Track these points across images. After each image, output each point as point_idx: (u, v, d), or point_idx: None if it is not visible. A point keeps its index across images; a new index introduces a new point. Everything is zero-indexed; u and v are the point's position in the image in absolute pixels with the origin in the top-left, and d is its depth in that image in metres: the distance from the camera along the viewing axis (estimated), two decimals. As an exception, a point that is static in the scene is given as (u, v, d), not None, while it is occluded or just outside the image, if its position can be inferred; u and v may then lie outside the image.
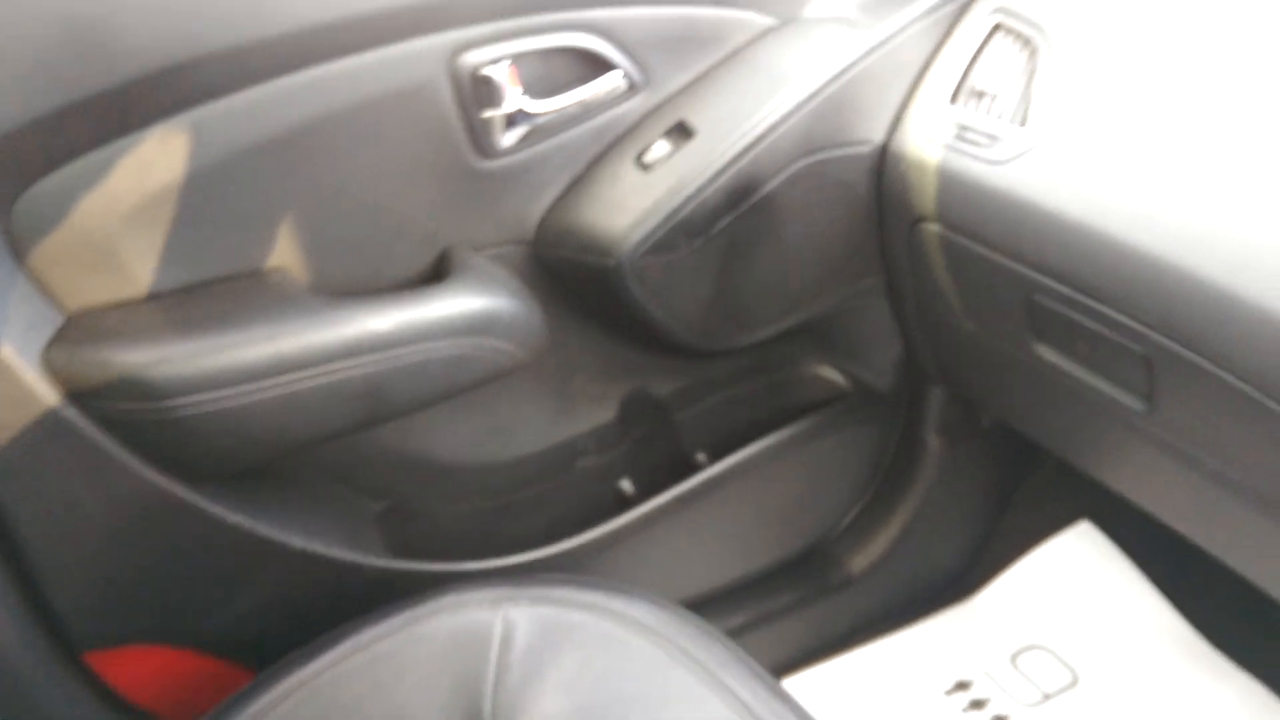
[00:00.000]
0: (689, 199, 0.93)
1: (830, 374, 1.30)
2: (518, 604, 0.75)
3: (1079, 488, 1.19)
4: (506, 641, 0.72)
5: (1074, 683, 1.34)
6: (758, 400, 1.27)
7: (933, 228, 0.98)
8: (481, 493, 1.04)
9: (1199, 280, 0.74)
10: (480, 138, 0.87)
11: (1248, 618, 1.22)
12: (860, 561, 1.39)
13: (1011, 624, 1.43)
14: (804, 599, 1.35)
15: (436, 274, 0.89)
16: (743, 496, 1.24)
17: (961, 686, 1.34)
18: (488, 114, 0.86)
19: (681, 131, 0.95)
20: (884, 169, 1.00)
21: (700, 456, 1.22)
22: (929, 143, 0.96)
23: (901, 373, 1.30)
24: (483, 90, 0.85)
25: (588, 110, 0.92)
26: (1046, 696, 1.33)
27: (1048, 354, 0.96)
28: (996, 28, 0.96)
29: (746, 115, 0.94)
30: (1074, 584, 1.43)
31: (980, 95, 0.95)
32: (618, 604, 0.76)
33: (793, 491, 1.30)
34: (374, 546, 0.92)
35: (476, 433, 1.01)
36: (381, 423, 0.85)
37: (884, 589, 1.41)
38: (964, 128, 0.94)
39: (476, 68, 0.84)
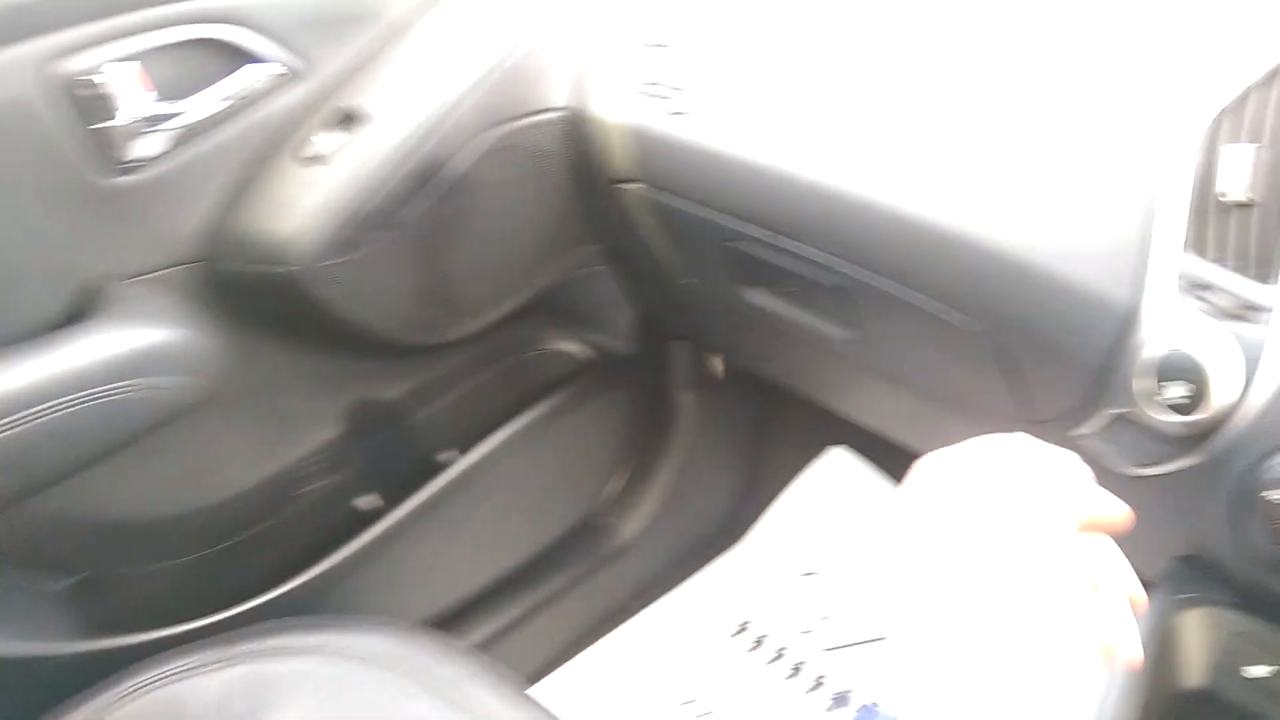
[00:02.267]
0: (368, 191, 0.86)
1: (571, 346, 1.28)
2: (229, 665, 0.67)
3: (827, 417, 1.22)
4: (221, 710, 0.65)
5: (848, 600, 1.40)
6: (501, 386, 1.22)
7: (632, 187, 0.96)
8: (190, 545, 0.94)
9: (880, 208, 0.75)
10: (101, 152, 0.76)
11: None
12: (631, 527, 1.38)
13: (784, 557, 1.47)
14: (579, 576, 1.33)
15: (78, 314, 0.78)
16: (499, 487, 1.20)
17: (744, 628, 1.37)
18: (105, 124, 0.75)
19: (351, 119, 0.88)
20: (576, 133, 0.97)
21: (445, 456, 1.17)
22: (614, 101, 0.93)
23: (641, 333, 1.30)
24: (90, 99, 0.74)
25: (240, 106, 0.84)
26: (825, 618, 1.38)
27: (758, 297, 0.97)
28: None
29: (421, 94, 0.88)
30: (836, 506, 1.49)
31: (660, 45, 0.93)
32: (346, 639, 0.70)
33: (551, 471, 1.28)
34: (60, 629, 0.81)
35: (171, 479, 0.91)
36: (37, 493, 0.74)
37: (660, 550, 1.42)
38: (647, 82, 0.92)
39: (77, 75, 0.73)
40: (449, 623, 1.18)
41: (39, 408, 0.69)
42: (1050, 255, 0.67)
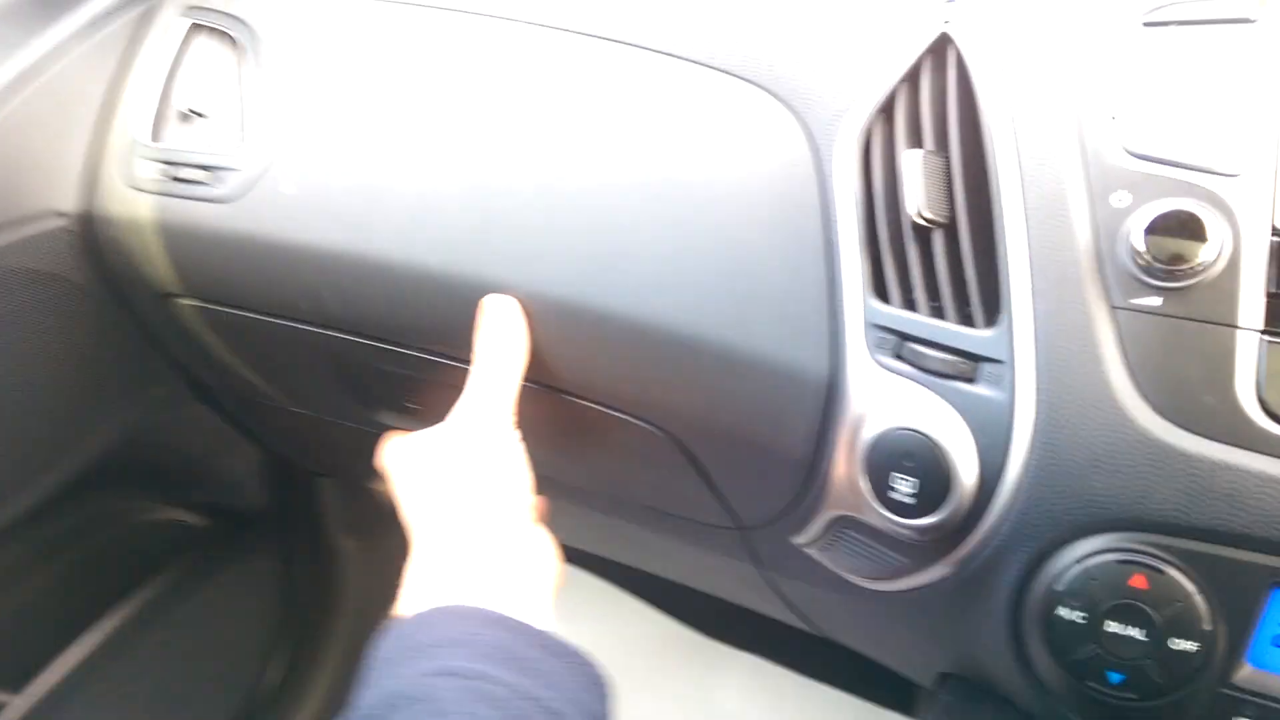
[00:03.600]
0: None
1: (177, 512, 0.99)
2: None
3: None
4: None
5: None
6: (76, 583, 0.91)
7: (186, 302, 0.71)
8: None
9: (482, 284, 0.56)
10: None
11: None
12: (307, 715, 1.09)
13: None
14: (245, 799, 1.02)
15: None
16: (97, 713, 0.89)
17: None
18: None
19: None
20: (95, 242, 0.71)
21: (3, 696, 0.84)
22: (137, 195, 0.68)
23: (271, 477, 1.03)
24: None
25: None
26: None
27: (389, 419, 0.75)
28: (194, 29, 0.71)
29: None
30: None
31: (189, 118, 0.69)
32: None
33: (172, 678, 0.98)
34: None
35: None
36: None
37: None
38: (174, 165, 0.68)
39: None
40: None
41: None
42: (713, 322, 0.49)
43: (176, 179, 0.67)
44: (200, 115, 0.68)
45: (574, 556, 1.02)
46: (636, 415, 0.56)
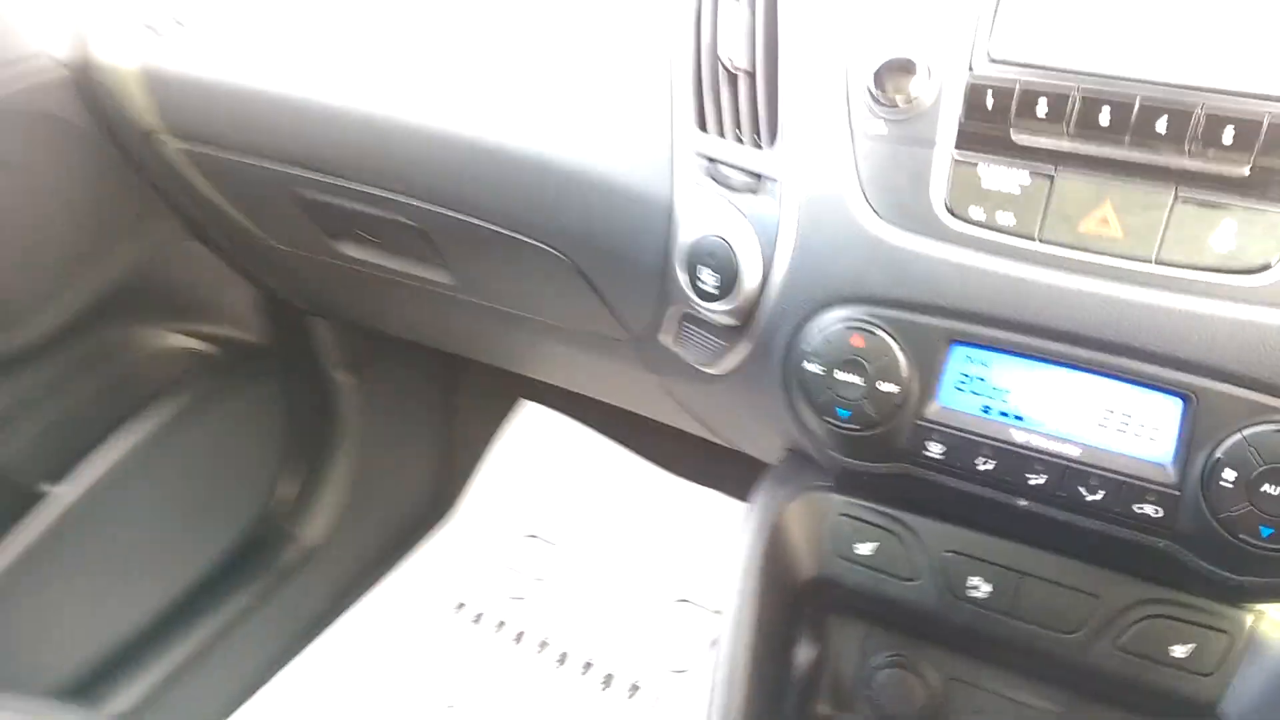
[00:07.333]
0: None
1: (188, 341, 1.12)
2: None
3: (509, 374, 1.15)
4: None
5: (566, 553, 1.34)
6: (105, 398, 1.05)
7: (167, 140, 0.83)
8: None
9: (429, 132, 0.67)
10: None
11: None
12: (317, 529, 1.25)
13: (497, 525, 1.39)
14: (264, 592, 1.19)
15: None
16: (127, 513, 1.04)
17: (457, 609, 1.29)
18: None
19: None
20: (90, 88, 0.82)
21: (46, 487, 1.00)
22: (119, 38, 0.79)
23: (269, 313, 1.15)
24: None
25: None
26: (539, 580, 1.31)
27: (350, 250, 0.87)
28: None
29: None
30: (540, 460, 1.42)
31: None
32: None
33: (195, 483, 1.12)
34: None
35: None
36: None
37: (354, 547, 1.30)
38: (151, 14, 0.79)
39: None
40: (102, 678, 1.04)
41: None
42: (592, 156, 0.60)
43: (152, 29, 0.78)
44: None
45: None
46: (536, 238, 0.68)
